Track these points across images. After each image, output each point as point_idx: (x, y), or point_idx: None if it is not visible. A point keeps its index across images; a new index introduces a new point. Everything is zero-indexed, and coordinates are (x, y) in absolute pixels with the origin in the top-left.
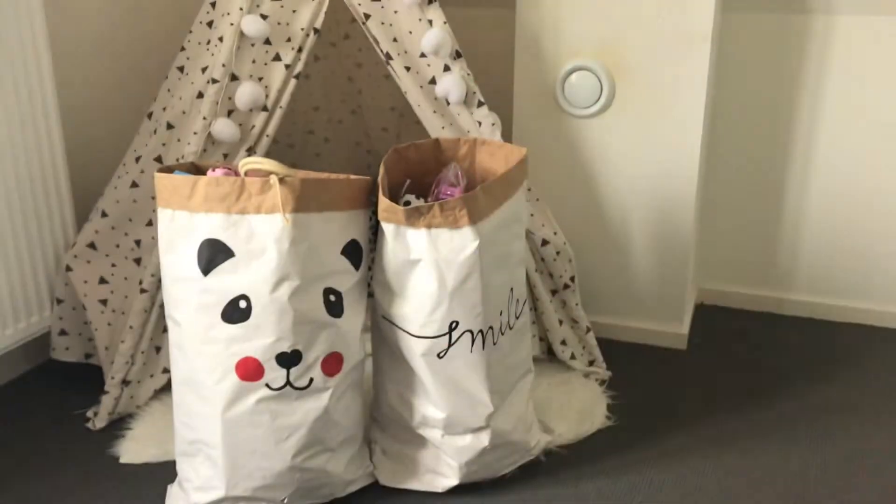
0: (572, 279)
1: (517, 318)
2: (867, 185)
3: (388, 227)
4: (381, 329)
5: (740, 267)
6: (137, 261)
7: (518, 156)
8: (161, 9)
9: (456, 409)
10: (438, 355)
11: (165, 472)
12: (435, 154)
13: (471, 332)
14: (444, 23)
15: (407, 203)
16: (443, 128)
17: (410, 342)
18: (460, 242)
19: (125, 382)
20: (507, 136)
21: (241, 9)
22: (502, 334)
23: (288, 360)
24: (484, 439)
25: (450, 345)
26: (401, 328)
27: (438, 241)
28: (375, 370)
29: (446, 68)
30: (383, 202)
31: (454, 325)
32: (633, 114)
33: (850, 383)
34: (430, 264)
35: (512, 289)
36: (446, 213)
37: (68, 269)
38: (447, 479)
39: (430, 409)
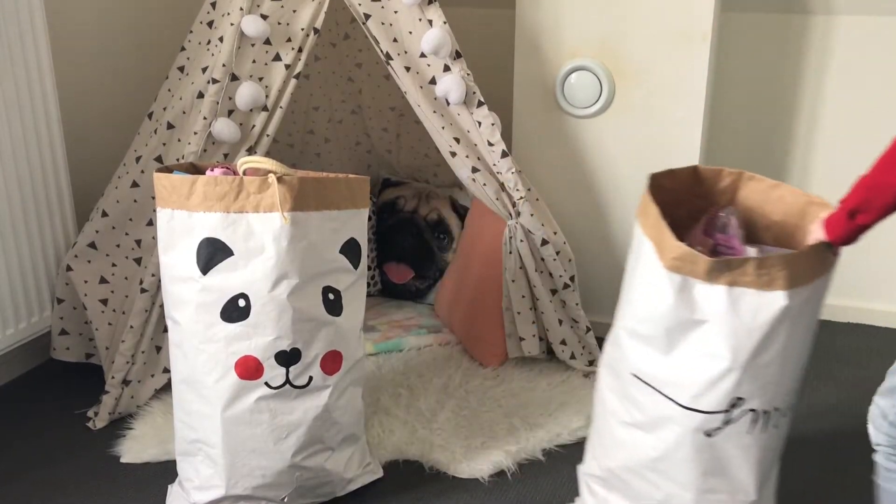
0: (572, 279)
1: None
2: None
3: (673, 278)
4: (627, 387)
5: None
6: (138, 260)
7: (822, 209)
8: (161, 9)
9: (708, 493)
10: (707, 433)
11: (166, 471)
12: (690, 183)
13: (755, 411)
14: (444, 23)
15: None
16: (442, 127)
17: (674, 413)
18: (767, 308)
19: (126, 382)
20: (507, 135)
21: (241, 9)
22: (783, 417)
23: (287, 358)
24: None
25: (726, 423)
26: (662, 393)
27: (741, 302)
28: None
29: (446, 68)
30: (676, 248)
31: (737, 401)
32: (633, 114)
33: (850, 383)
34: (721, 327)
35: (804, 366)
36: (761, 272)
37: (69, 268)
38: None
39: (674, 488)
